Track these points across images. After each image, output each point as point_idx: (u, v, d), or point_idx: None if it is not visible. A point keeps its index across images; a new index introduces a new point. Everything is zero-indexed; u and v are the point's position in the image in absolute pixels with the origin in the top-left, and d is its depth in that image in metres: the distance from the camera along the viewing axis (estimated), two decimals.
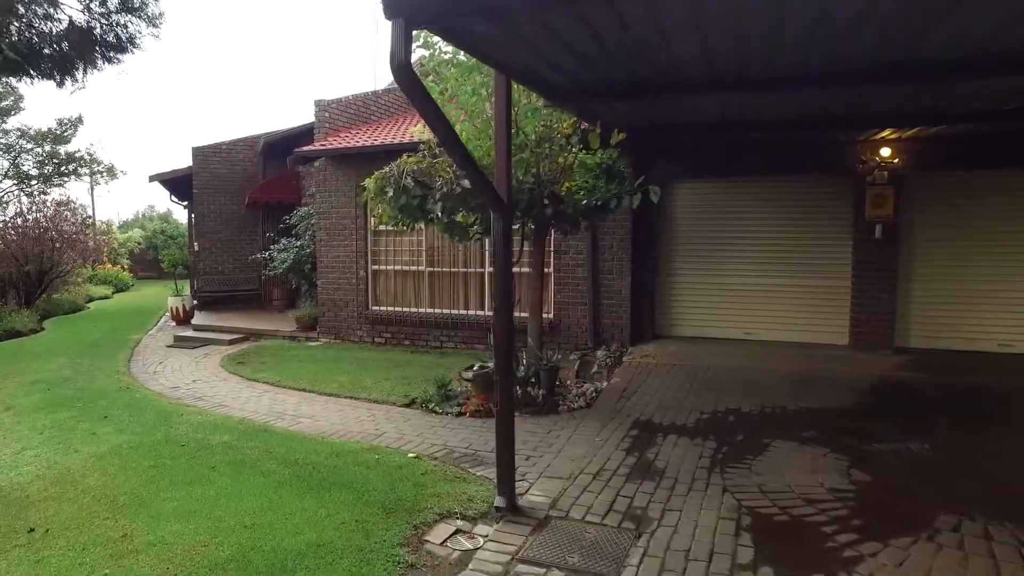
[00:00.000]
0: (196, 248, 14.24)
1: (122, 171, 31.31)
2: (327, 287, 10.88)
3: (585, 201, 6.24)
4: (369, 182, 6.35)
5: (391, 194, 5.82)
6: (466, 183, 5.44)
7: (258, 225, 14.62)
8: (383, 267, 10.58)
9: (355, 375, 8.36)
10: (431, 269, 10.30)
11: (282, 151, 13.94)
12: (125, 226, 34.54)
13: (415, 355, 9.72)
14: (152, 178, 14.07)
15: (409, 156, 6.33)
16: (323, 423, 6.39)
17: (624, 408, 6.70)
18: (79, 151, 26.82)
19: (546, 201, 6.02)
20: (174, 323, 14.34)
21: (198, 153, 14.05)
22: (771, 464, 5.03)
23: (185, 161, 14.77)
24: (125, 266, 27.09)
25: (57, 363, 9.72)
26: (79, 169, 26.26)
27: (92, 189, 32.80)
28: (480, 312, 9.98)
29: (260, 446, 5.56)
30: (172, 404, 7.19)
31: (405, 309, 10.40)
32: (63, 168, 25.38)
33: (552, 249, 9.48)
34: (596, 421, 6.29)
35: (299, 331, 11.18)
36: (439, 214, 5.68)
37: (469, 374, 6.65)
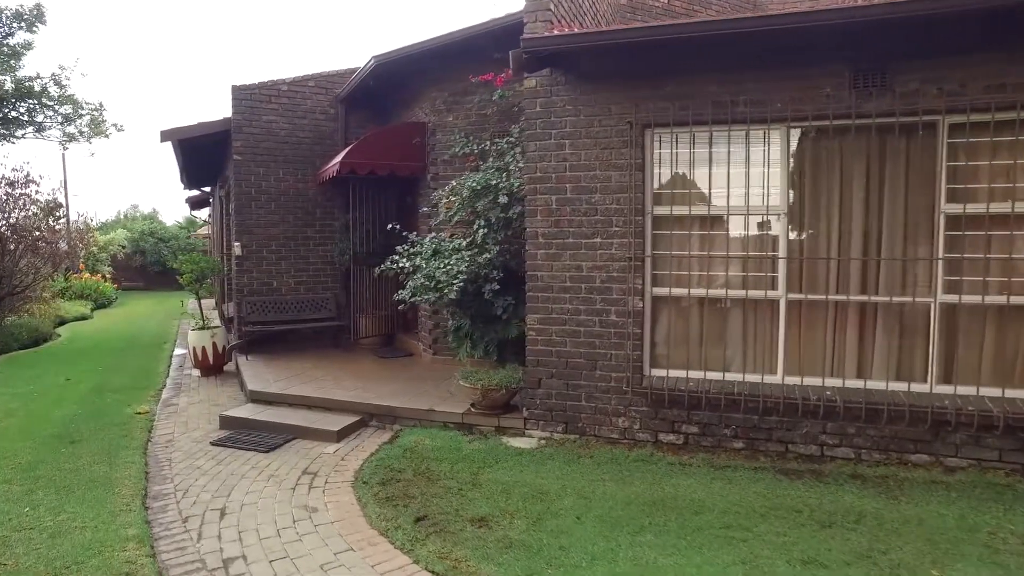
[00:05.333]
0: (238, 251, 8.35)
1: (116, 125, 18.51)
2: (545, 328, 5.20)
3: None
4: None
5: None
6: None
7: (343, 211, 8.73)
8: (674, 290, 4.95)
9: None
10: (795, 296, 4.73)
11: (382, 95, 8.19)
12: (105, 227, 27.79)
13: (802, 488, 4.10)
14: (165, 136, 8.17)
15: None
16: None
17: None
18: (38, 79, 14.71)
19: None
20: (198, 372, 8.44)
21: (242, 96, 8.18)
22: None
23: (214, 115, 8.85)
24: (107, 275, 20.63)
25: None
26: (37, 113, 15.38)
27: (64, 157, 25.74)
28: (923, 387, 4.46)
29: None
30: None
31: (739, 377, 4.80)
32: (8, 110, 14.63)
33: None
34: None
35: (481, 411, 5.44)
36: None
37: None
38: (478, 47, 6.52)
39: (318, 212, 8.71)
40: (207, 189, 13.98)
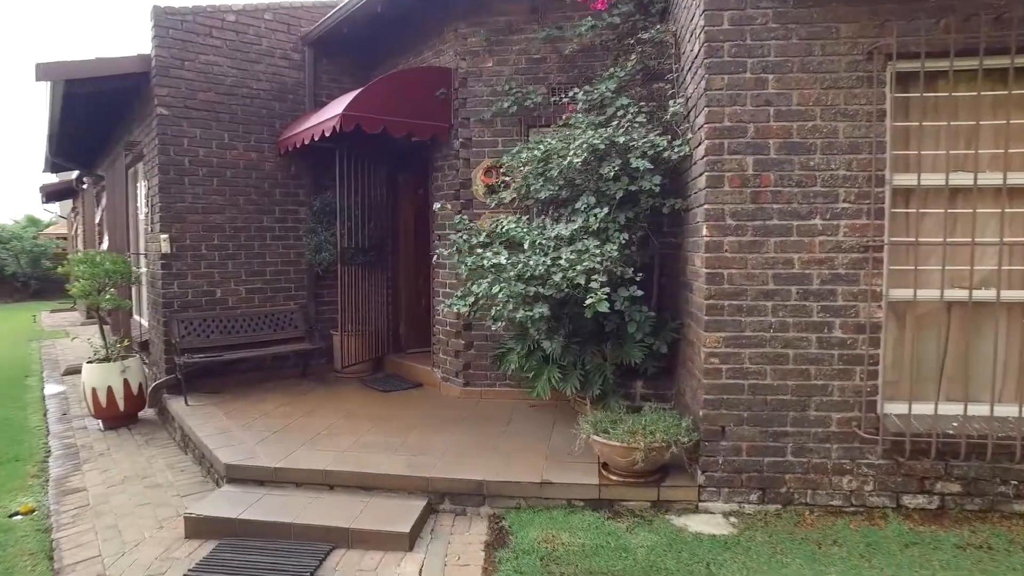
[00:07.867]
0: (165, 247, 5.64)
1: None
2: (733, 353, 3.41)
3: None
4: None
5: None
6: None
7: (312, 192, 6.22)
8: (925, 292, 3.40)
9: None
10: None
11: (376, 35, 5.98)
12: None
13: None
14: (44, 73, 5.19)
15: None
16: None
17: None
18: None
19: None
20: (99, 424, 5.70)
21: (169, 24, 5.51)
22: None
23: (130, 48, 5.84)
24: None
25: None
26: None
27: None
28: None
29: None
30: None
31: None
32: None
33: None
34: None
35: (625, 479, 3.55)
36: None
37: None
38: None
39: (278, 193, 6.20)
40: (75, 174, 10.48)
